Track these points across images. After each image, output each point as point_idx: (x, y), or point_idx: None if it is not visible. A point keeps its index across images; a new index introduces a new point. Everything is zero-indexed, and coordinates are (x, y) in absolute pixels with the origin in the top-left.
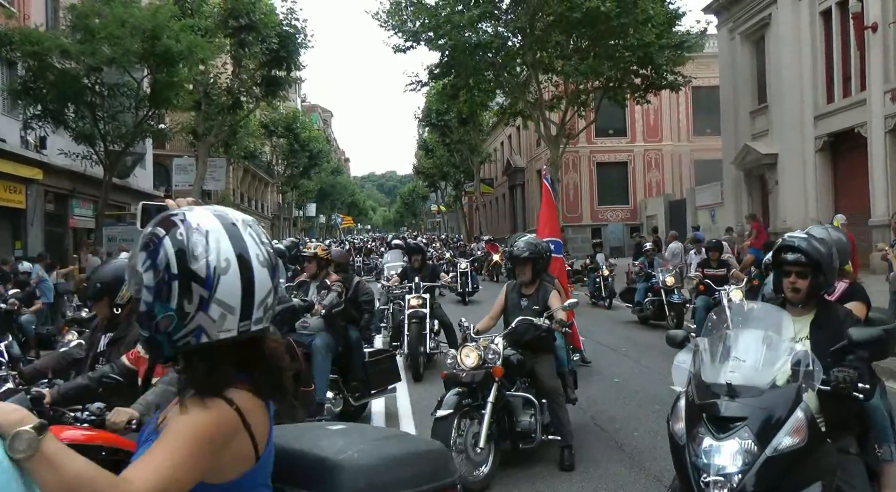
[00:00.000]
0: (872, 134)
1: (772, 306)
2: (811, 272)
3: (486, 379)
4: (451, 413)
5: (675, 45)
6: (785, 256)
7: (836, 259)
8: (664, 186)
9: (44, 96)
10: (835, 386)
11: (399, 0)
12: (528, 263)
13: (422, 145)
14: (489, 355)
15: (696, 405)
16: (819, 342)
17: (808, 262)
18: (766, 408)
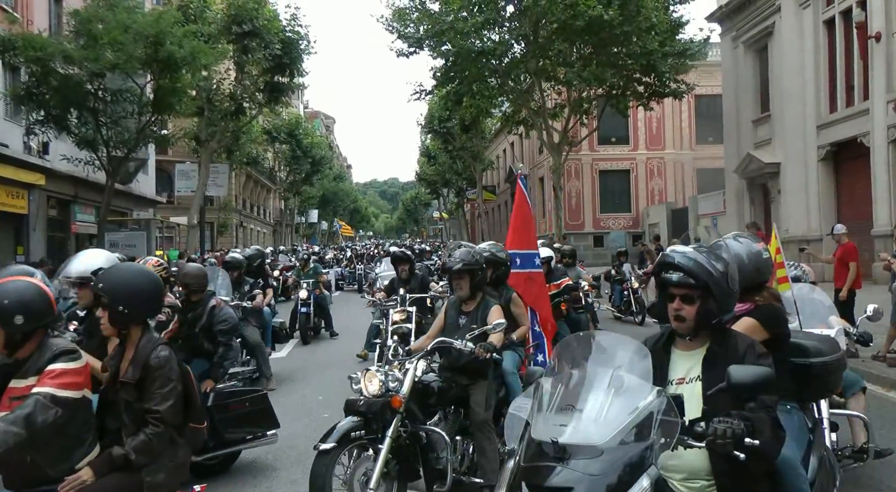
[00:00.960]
0: (875, 143)
1: (624, 338)
2: (699, 296)
3: (384, 409)
4: (336, 447)
5: (678, 54)
6: (667, 277)
7: (732, 279)
8: (666, 195)
9: (47, 102)
10: (710, 442)
11: (403, 6)
12: (465, 276)
13: (424, 152)
14: (391, 383)
15: (521, 469)
16: (713, 384)
17: (695, 283)
18: (601, 475)
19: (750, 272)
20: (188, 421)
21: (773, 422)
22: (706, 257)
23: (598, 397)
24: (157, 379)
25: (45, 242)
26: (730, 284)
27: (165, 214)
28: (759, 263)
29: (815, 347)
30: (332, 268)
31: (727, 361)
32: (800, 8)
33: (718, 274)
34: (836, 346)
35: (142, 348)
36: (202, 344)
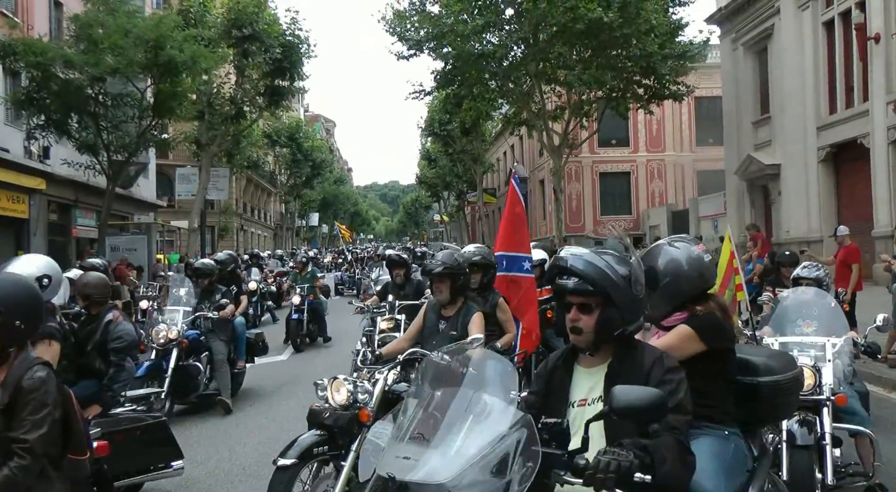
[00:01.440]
0: (875, 145)
1: (489, 353)
2: (598, 305)
3: (351, 424)
4: (296, 464)
5: (678, 56)
6: (562, 283)
7: (638, 284)
8: (667, 197)
9: (47, 106)
10: (589, 477)
11: (403, 9)
12: (446, 279)
13: (424, 155)
14: (360, 394)
15: None
16: None
17: (593, 290)
18: None
19: (692, 279)
20: (67, 452)
21: (680, 449)
22: (605, 260)
23: (454, 424)
24: (29, 404)
25: (46, 247)
26: (634, 289)
27: (166, 218)
28: (702, 269)
29: (765, 364)
30: (332, 272)
31: (630, 377)
32: (799, 10)
33: (620, 279)
34: (792, 363)
35: (15, 369)
36: (93, 363)
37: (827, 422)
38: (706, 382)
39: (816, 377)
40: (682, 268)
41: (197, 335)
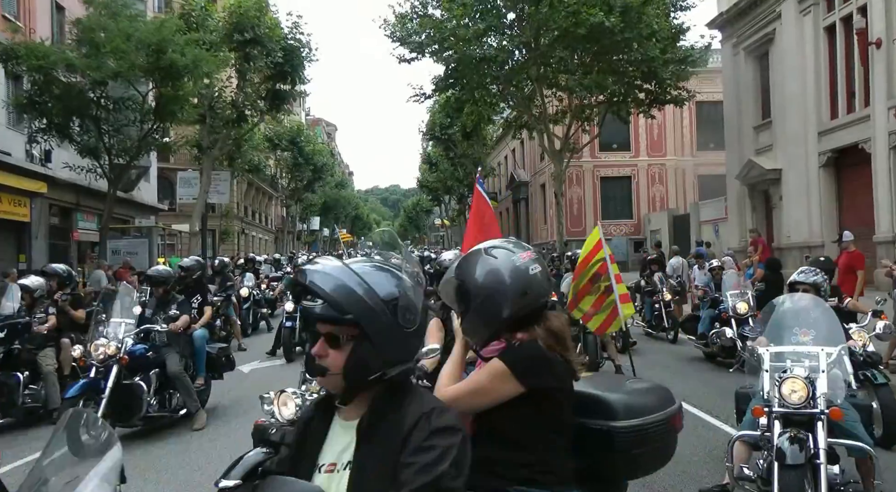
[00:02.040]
0: (876, 150)
1: None
2: (351, 338)
3: None
4: (240, 485)
5: (679, 60)
6: (307, 306)
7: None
8: (668, 201)
9: (49, 110)
10: None
11: (405, 12)
12: None
13: (426, 159)
14: None
15: None
16: (364, 475)
17: (338, 317)
18: None
19: (512, 297)
20: None
21: None
22: (363, 277)
23: None
24: None
25: (47, 250)
26: (401, 318)
27: (167, 222)
28: (526, 284)
29: (625, 404)
30: None
31: (386, 440)
32: (800, 14)
33: (378, 303)
34: (666, 401)
35: None
36: None
37: (821, 437)
38: (526, 432)
39: (809, 390)
40: (499, 283)
41: (144, 351)
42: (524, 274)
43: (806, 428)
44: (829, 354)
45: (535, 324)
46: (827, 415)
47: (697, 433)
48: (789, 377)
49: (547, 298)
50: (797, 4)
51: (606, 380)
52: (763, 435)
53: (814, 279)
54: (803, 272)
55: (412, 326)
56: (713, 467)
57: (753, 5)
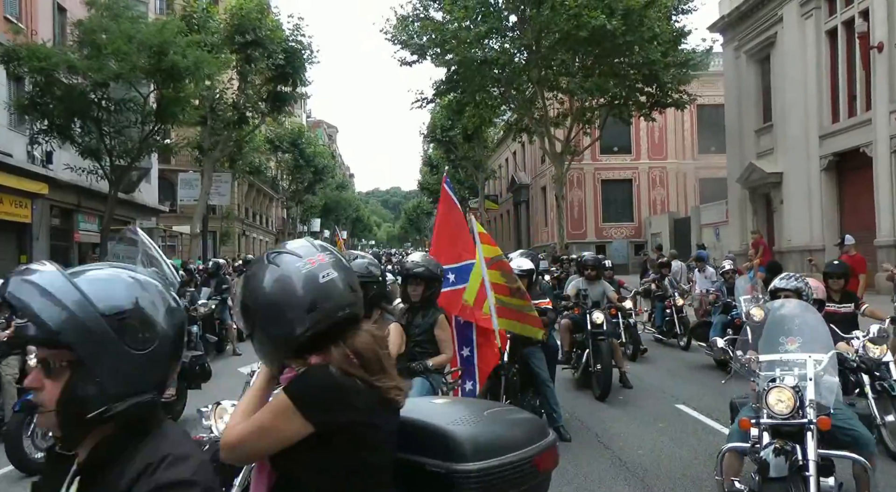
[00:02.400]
0: (878, 154)
1: None
2: (66, 364)
3: None
4: None
5: (681, 64)
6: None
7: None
8: (669, 204)
9: (50, 111)
10: None
11: (406, 15)
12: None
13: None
14: None
15: None
16: None
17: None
18: None
19: (301, 311)
20: None
21: None
22: (69, 283)
23: None
24: None
25: (48, 251)
26: (130, 338)
27: (168, 223)
28: (317, 294)
29: (474, 440)
30: None
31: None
32: (802, 18)
33: (90, 318)
34: (533, 435)
35: None
36: None
37: (811, 449)
38: (324, 479)
39: (796, 399)
40: (281, 295)
41: None
42: (312, 283)
43: (796, 439)
44: (818, 362)
45: (333, 344)
46: (816, 425)
47: (698, 436)
48: (775, 387)
49: (348, 310)
50: (799, 8)
51: (462, 408)
52: (753, 447)
53: (795, 285)
54: (784, 278)
55: (145, 347)
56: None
57: (755, 9)
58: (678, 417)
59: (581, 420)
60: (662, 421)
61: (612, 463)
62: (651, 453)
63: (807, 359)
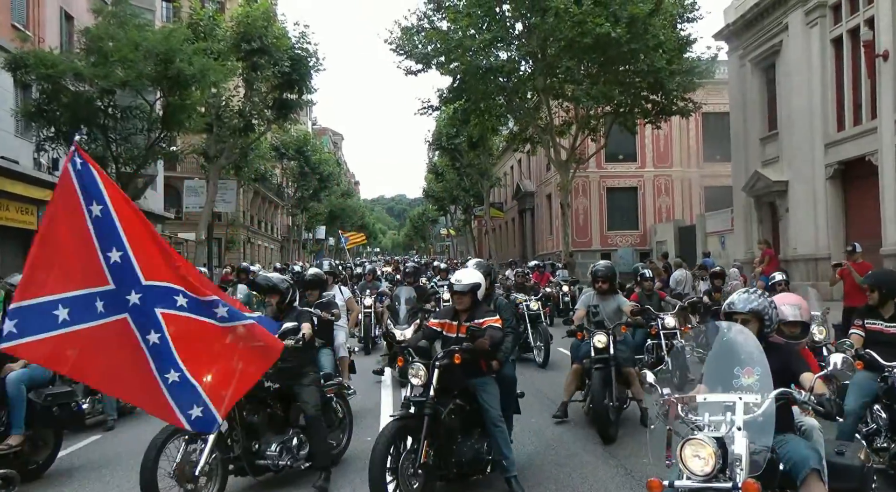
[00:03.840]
0: (883, 162)
1: None
2: None
3: None
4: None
5: (686, 71)
6: None
7: None
8: (674, 212)
9: (57, 118)
10: None
11: (411, 24)
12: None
13: (432, 169)
14: None
15: None
16: None
17: None
18: None
19: None
20: None
21: None
22: None
23: None
24: None
25: None
26: None
27: (173, 230)
28: None
29: None
30: None
31: None
32: (807, 26)
33: None
34: None
35: None
36: None
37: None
38: None
39: (716, 459)
40: None
41: None
42: None
43: None
44: (756, 403)
45: None
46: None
47: None
48: (691, 439)
49: None
50: (804, 16)
51: None
52: None
53: (753, 307)
54: (742, 299)
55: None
56: None
57: (760, 17)
58: None
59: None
60: None
61: (617, 471)
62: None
63: (736, 401)
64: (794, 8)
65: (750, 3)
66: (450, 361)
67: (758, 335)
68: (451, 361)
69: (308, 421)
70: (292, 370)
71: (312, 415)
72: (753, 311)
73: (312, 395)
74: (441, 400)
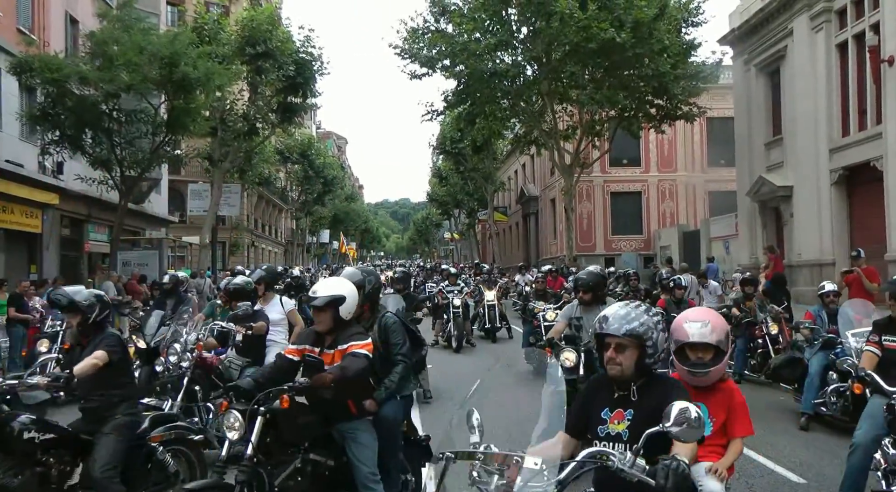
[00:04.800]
0: (888, 167)
1: None
2: None
3: None
4: None
5: (691, 76)
6: None
7: None
8: (678, 217)
9: (62, 122)
10: None
11: (416, 27)
12: None
13: (436, 173)
14: None
15: None
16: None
17: None
18: None
19: None
20: None
21: None
22: None
23: None
24: None
25: (58, 261)
26: None
27: (178, 234)
28: None
29: None
30: None
31: None
32: (812, 31)
33: None
34: None
35: None
36: None
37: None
38: None
39: None
40: None
41: None
42: None
43: None
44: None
45: None
46: None
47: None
48: None
49: None
50: (809, 21)
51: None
52: None
53: (630, 329)
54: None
55: None
56: None
57: (765, 22)
58: None
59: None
60: None
61: None
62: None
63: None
64: (799, 13)
65: (755, 7)
66: (278, 404)
67: (637, 366)
68: (279, 406)
69: (95, 485)
70: (96, 413)
71: (98, 478)
72: (631, 334)
73: (107, 448)
74: (276, 458)
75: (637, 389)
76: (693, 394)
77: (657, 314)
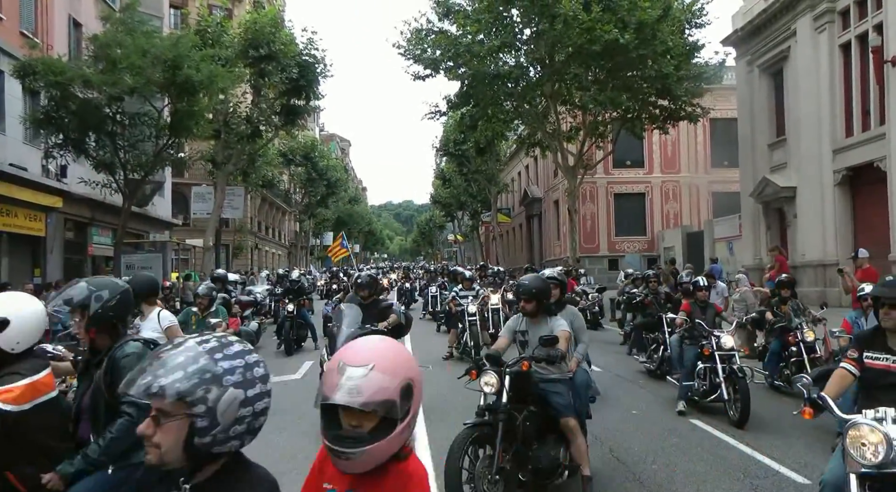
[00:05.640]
0: (892, 168)
1: None
2: None
3: None
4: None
5: (694, 77)
6: None
7: None
8: (682, 218)
9: (65, 125)
10: None
11: (420, 28)
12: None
13: (439, 175)
14: None
15: None
16: None
17: None
18: None
19: None
20: None
21: None
22: None
23: None
24: None
25: (62, 265)
26: None
27: (181, 237)
28: None
29: None
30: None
31: None
32: (815, 32)
33: None
34: None
35: None
36: None
37: None
38: None
39: None
40: None
41: None
42: None
43: None
44: None
45: None
46: None
47: (712, 452)
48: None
49: None
50: (812, 22)
51: None
52: None
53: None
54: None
55: None
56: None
57: (768, 23)
58: (692, 432)
59: (594, 435)
60: (677, 436)
61: (626, 478)
62: (665, 468)
63: None
64: (802, 13)
65: (758, 8)
66: (518, 368)
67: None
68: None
69: None
70: None
71: None
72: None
73: None
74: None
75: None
76: (348, 481)
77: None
